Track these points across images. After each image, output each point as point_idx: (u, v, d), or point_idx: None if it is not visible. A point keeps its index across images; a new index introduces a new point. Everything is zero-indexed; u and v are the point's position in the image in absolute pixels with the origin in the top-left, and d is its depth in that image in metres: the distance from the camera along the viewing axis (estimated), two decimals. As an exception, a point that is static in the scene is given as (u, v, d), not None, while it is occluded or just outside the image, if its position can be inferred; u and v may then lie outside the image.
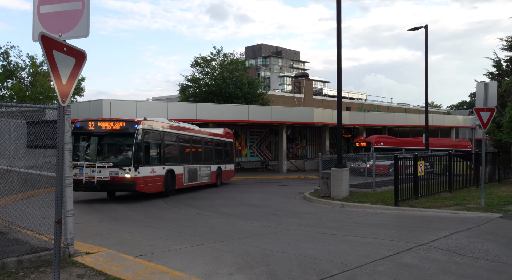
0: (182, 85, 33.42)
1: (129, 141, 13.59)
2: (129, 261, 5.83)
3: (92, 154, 14.08)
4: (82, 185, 13.19)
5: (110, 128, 13.90)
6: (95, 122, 14.12)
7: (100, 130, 13.94)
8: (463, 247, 6.92)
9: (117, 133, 13.93)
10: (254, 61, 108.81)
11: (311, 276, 5.34)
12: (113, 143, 14.25)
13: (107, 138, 14.17)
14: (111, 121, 14.08)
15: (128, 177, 13.24)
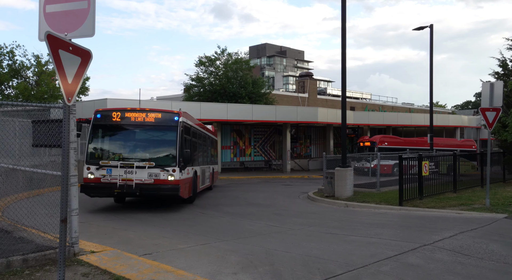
0: (186, 84, 33.45)
1: (170, 136, 11.46)
2: (134, 260, 5.85)
3: (123, 151, 11.51)
4: (117, 189, 10.74)
5: (143, 120, 11.53)
6: (122, 113, 11.53)
7: (130, 122, 11.54)
8: (468, 247, 6.88)
9: (154, 126, 11.63)
10: (258, 60, 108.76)
11: (315, 275, 5.34)
12: (149, 138, 11.77)
13: (141, 132, 11.71)
14: (143, 112, 11.59)
15: (171, 179, 10.94)
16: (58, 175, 5.99)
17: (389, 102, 52.04)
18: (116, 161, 11.01)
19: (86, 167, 11.02)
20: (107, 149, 11.56)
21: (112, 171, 10.85)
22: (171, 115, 11.68)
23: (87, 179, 11.01)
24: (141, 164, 10.93)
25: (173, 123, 11.51)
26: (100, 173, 10.93)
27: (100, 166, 11.01)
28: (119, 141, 11.79)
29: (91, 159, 11.16)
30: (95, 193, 11.29)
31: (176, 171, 11.02)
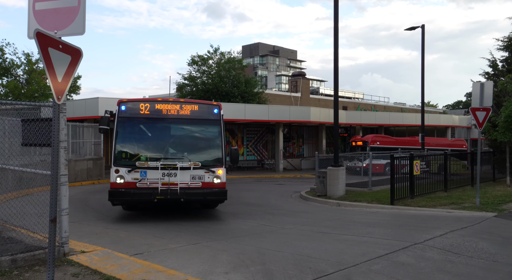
0: (179, 83, 33.33)
1: (213, 131, 10.05)
2: (125, 260, 5.82)
3: (159, 150, 9.83)
4: (159, 196, 9.12)
5: (177, 113, 9.89)
6: (151, 105, 9.86)
7: (161, 115, 9.84)
8: (458, 246, 6.94)
9: (192, 120, 10.07)
10: (251, 60, 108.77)
11: (307, 275, 5.35)
12: (187, 134, 10.21)
13: (177, 127, 10.12)
14: (177, 103, 9.99)
15: (218, 182, 9.55)
16: (48, 174, 5.93)
17: (381, 102, 52.33)
18: (156, 162, 9.30)
19: (113, 169, 9.24)
20: (138, 148, 9.80)
21: (147, 174, 9.20)
22: (211, 107, 10.19)
23: (115, 184, 9.18)
24: (185, 164, 9.33)
25: (215, 117, 10.02)
26: (132, 176, 9.15)
27: (135, 167, 9.19)
28: (152, 137, 9.99)
29: (120, 160, 9.42)
30: (128, 201, 9.54)
31: (222, 171, 9.65)
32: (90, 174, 20.91)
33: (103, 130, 9.53)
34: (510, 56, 19.58)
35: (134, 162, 9.32)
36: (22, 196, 7.03)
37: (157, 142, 9.93)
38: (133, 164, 9.29)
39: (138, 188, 9.18)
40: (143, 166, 9.23)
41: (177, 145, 10.02)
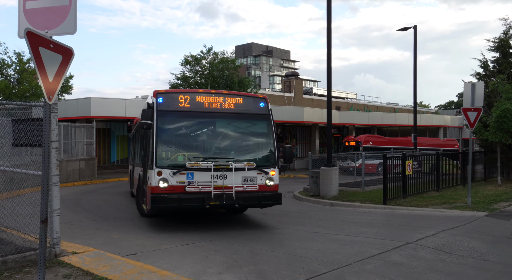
0: (172, 83, 33.23)
1: (262, 127, 9.07)
2: (117, 260, 5.78)
3: (206, 149, 8.63)
4: (213, 201, 7.98)
5: (220, 107, 8.73)
6: (192, 96, 8.60)
7: (204, 109, 8.63)
8: (450, 245, 6.99)
9: (238, 114, 8.93)
10: (245, 60, 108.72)
11: (299, 275, 5.35)
12: (234, 130, 9.03)
13: (222, 122, 8.88)
14: (220, 95, 8.84)
15: (271, 184, 8.58)
16: (39, 174, 5.87)
17: (374, 102, 52.57)
18: (208, 162, 8.13)
19: (156, 171, 7.91)
20: (183, 146, 8.56)
21: (194, 176, 8.03)
22: (257, 100, 9.20)
23: (158, 189, 7.88)
24: (239, 165, 8.28)
25: (263, 111, 9.07)
26: (177, 179, 7.95)
27: (182, 168, 7.97)
28: (197, 134, 8.84)
29: (163, 160, 8.10)
30: (175, 208, 8.14)
31: (276, 173, 8.68)
32: (82, 174, 20.76)
33: (147, 126, 8.02)
34: (501, 57, 19.77)
35: (180, 163, 8.11)
36: (13, 196, 6.95)
37: (203, 139, 8.76)
38: (179, 164, 8.06)
39: (187, 193, 7.93)
40: (193, 167, 7.98)
41: (225, 143, 8.82)
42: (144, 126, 8.08)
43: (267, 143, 8.99)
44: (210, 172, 8.06)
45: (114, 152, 28.97)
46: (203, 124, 8.85)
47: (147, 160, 8.61)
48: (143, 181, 9.28)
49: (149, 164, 8.24)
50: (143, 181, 9.28)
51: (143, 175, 9.51)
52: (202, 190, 8.02)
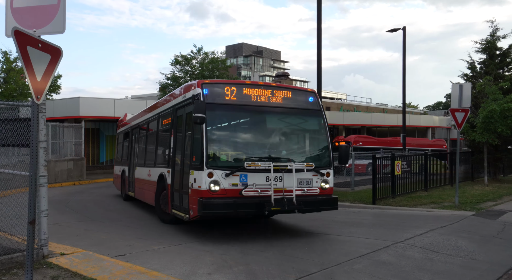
0: (161, 83, 33.07)
1: (315, 124, 8.28)
2: (106, 261, 5.73)
3: (261, 148, 7.82)
4: (274, 207, 7.06)
5: (268, 101, 7.80)
6: (238, 88, 7.66)
7: (251, 102, 7.68)
8: (437, 244, 7.08)
9: (288, 109, 8.07)
10: (235, 60, 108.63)
11: (289, 274, 5.37)
12: (286, 126, 8.26)
13: (273, 118, 8.06)
14: (268, 87, 7.92)
15: (327, 187, 7.80)
16: (27, 175, 5.80)
17: (363, 103, 52.97)
18: (266, 163, 7.26)
19: (206, 173, 6.95)
20: (234, 144, 7.71)
21: (248, 178, 7.12)
22: (306, 94, 8.30)
23: (209, 193, 6.94)
24: (299, 165, 7.45)
25: (315, 106, 8.20)
26: (230, 181, 7.04)
27: (236, 169, 7.07)
28: (247, 131, 7.94)
29: (214, 160, 7.15)
30: (229, 214, 7.33)
31: (331, 174, 7.90)
32: (70, 175, 20.56)
33: (201, 119, 6.90)
34: (487, 58, 20.03)
35: (234, 163, 7.26)
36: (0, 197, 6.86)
37: (255, 137, 7.92)
38: (233, 165, 7.19)
39: (244, 197, 7.01)
40: (249, 168, 7.09)
41: (278, 142, 8.04)
42: (197, 122, 6.90)
43: (321, 142, 8.25)
44: (266, 174, 7.18)
45: (103, 152, 28.74)
46: (253, 120, 7.92)
47: (186, 159, 7.73)
48: (177, 183, 8.15)
49: (193, 164, 7.24)
50: (177, 183, 8.15)
51: (175, 177, 8.38)
52: (262, 194, 7.07)
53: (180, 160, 8.26)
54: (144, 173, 11.16)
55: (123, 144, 15.39)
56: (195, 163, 7.22)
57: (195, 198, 7.10)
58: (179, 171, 8.23)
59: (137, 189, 12.13)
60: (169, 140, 9.11)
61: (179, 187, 8.09)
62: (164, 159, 9.50)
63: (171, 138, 8.97)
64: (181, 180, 8.02)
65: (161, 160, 9.83)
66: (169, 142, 9.05)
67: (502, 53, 19.96)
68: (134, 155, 13.11)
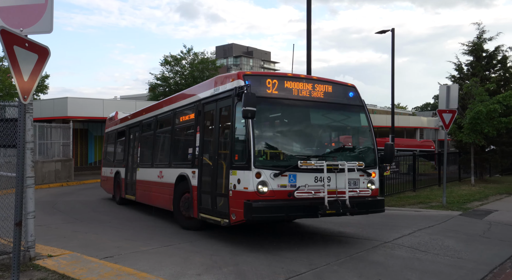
0: (151, 84, 32.91)
1: (359, 121, 7.80)
2: (94, 263, 5.69)
3: (310, 146, 7.42)
4: (328, 210, 6.53)
5: (309, 95, 7.24)
6: (280, 81, 7.05)
7: (293, 96, 7.11)
8: (425, 244, 7.16)
9: (330, 105, 7.50)
10: (225, 60, 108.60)
11: (279, 275, 5.38)
12: (330, 123, 7.78)
13: (317, 114, 7.57)
14: (309, 81, 7.35)
15: (373, 188, 7.33)
16: (13, 176, 5.73)
17: (353, 104, 53.18)
18: (319, 161, 6.71)
19: (254, 173, 6.36)
20: (282, 141, 7.15)
21: (297, 179, 6.58)
22: (346, 89, 7.75)
23: (257, 195, 6.35)
24: (352, 165, 6.96)
25: (357, 102, 7.73)
26: (278, 182, 6.48)
27: (290, 169, 6.53)
28: (293, 127, 7.47)
29: (262, 159, 6.58)
30: (280, 218, 7.03)
31: (376, 174, 7.44)
32: (58, 176, 20.34)
33: (252, 114, 6.24)
34: (474, 60, 20.33)
35: (284, 162, 6.69)
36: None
37: (301, 133, 7.43)
38: (282, 164, 6.61)
39: (296, 200, 6.47)
40: (302, 167, 6.54)
41: (324, 139, 7.62)
42: (248, 116, 6.24)
43: (366, 139, 7.78)
44: (315, 174, 6.65)
45: (92, 152, 28.50)
46: (298, 116, 7.42)
47: (221, 159, 7.19)
48: (209, 185, 7.49)
49: (236, 164, 6.66)
50: (209, 185, 7.49)
51: (203, 178, 7.71)
52: (316, 196, 6.53)
53: (211, 159, 7.52)
54: (151, 174, 10.38)
55: (115, 143, 14.47)
56: (239, 162, 6.60)
57: (239, 201, 6.42)
58: (210, 171, 7.47)
59: (140, 192, 11.31)
60: (192, 137, 8.37)
61: (212, 188, 7.34)
62: (185, 158, 8.78)
63: (196, 136, 8.15)
64: (214, 181, 7.29)
65: (180, 159, 9.10)
66: (193, 139, 8.24)
67: (489, 55, 20.28)
68: (135, 155, 12.22)
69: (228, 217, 6.73)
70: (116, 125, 14.74)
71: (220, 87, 7.47)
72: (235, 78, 7.00)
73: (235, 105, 6.81)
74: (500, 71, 20.87)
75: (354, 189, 6.97)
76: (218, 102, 7.52)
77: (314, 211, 6.53)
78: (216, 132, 7.53)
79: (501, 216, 10.29)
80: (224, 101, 7.33)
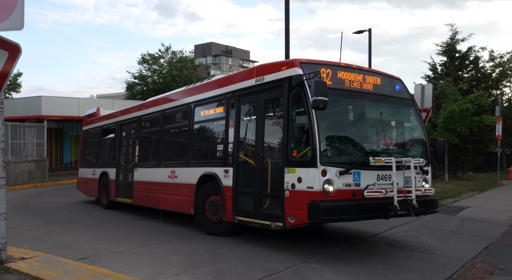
0: (128, 82, 32.48)
1: (409, 115, 7.39)
2: (69, 265, 5.58)
3: (367, 140, 6.97)
4: (400, 210, 6.08)
5: (359, 87, 6.67)
6: (333, 71, 6.46)
7: (345, 87, 6.53)
8: (400, 240, 7.32)
9: (389, 98, 7.08)
10: (204, 59, 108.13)
11: (257, 273, 5.39)
12: (385, 118, 7.19)
13: (371, 108, 7.02)
14: (360, 72, 6.77)
15: (428, 186, 6.89)
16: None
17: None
18: (387, 157, 6.26)
19: (320, 170, 5.81)
20: (343, 136, 6.57)
21: (361, 178, 6.09)
22: (393, 81, 7.25)
23: (323, 195, 5.80)
24: (417, 162, 6.55)
25: (405, 95, 7.29)
26: (344, 181, 5.95)
27: (357, 167, 6.05)
28: (351, 121, 6.89)
29: (328, 156, 6.02)
30: (348, 219, 6.35)
31: (429, 173, 7.02)
32: (32, 177, 19.84)
33: (324, 104, 5.66)
34: (448, 60, 20.87)
35: (348, 159, 6.19)
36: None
37: (360, 128, 6.92)
38: (349, 161, 6.12)
39: (365, 199, 6.00)
40: (374, 164, 6.06)
41: (382, 134, 7.12)
42: (320, 106, 5.65)
43: (419, 135, 7.33)
44: (378, 172, 6.20)
45: (67, 152, 27.93)
46: (354, 109, 6.87)
47: (268, 155, 6.71)
48: (253, 184, 6.86)
49: (295, 160, 6.09)
50: (253, 184, 6.86)
51: (241, 176, 7.17)
52: (387, 195, 6.03)
53: (253, 156, 6.95)
54: (158, 175, 9.60)
55: (100, 142, 13.39)
56: (302, 158, 6.01)
57: (301, 202, 5.88)
58: (252, 169, 6.90)
59: (140, 194, 10.42)
60: (221, 133, 7.79)
61: (257, 188, 6.73)
62: (211, 156, 8.13)
63: (228, 131, 7.46)
64: (259, 180, 6.70)
65: (204, 157, 8.44)
66: (223, 135, 7.62)
67: (461, 56, 20.86)
68: (130, 154, 11.32)
69: (282, 219, 6.12)
70: (100, 122, 13.63)
71: (267, 76, 6.78)
72: (290, 66, 6.38)
73: (291, 95, 6.21)
74: (472, 72, 21.50)
75: (419, 188, 6.52)
76: (262, 93, 6.86)
77: (386, 212, 6.05)
78: (259, 126, 6.84)
79: (473, 212, 10.61)
80: (273, 92, 6.67)
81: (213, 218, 7.76)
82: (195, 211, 8.15)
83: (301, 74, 6.10)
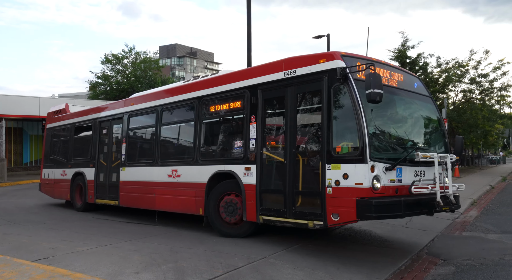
0: (91, 82, 31.77)
1: (431, 112, 7.35)
2: (25, 266, 5.50)
3: (409, 137, 6.81)
4: (444, 206, 6.08)
5: (387, 83, 6.47)
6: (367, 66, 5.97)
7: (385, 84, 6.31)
8: (355, 235, 7.70)
9: (413, 94, 7.06)
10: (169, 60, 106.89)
11: (217, 269, 5.51)
12: (412, 114, 7.17)
13: (401, 103, 6.96)
14: (387, 68, 6.71)
15: None
16: None
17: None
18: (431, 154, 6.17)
19: (369, 166, 5.63)
20: (384, 131, 6.38)
21: (402, 174, 6.00)
22: (413, 79, 7.28)
23: (372, 192, 5.63)
24: (452, 157, 6.43)
25: (425, 92, 7.31)
26: (389, 177, 5.83)
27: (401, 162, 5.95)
28: (389, 116, 6.78)
29: (376, 151, 5.85)
30: (395, 217, 6.05)
31: None
32: (-12, 178, 19.08)
33: (380, 96, 5.55)
34: (400, 65, 21.90)
35: (394, 154, 6.10)
36: None
37: (397, 123, 6.84)
38: (395, 156, 6.00)
39: (412, 195, 5.89)
40: (421, 160, 5.99)
41: (416, 130, 7.09)
42: (377, 99, 5.52)
43: (441, 132, 7.36)
44: (416, 167, 6.16)
45: (27, 152, 26.99)
46: (389, 105, 6.68)
47: (306, 150, 6.52)
48: (283, 182, 6.56)
49: (338, 156, 5.87)
50: (283, 182, 6.56)
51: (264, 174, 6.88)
52: (431, 191, 5.96)
53: (281, 153, 6.69)
54: (155, 174, 9.13)
55: (71, 140, 12.52)
56: (348, 154, 5.83)
57: (348, 199, 5.65)
58: (280, 165, 6.64)
59: (129, 196, 9.89)
60: (239, 128, 7.51)
61: (288, 186, 6.44)
62: (227, 152, 7.78)
63: (248, 127, 7.13)
64: (291, 177, 6.43)
65: (216, 154, 8.09)
66: (243, 131, 7.28)
67: (411, 62, 21.98)
68: (114, 152, 10.66)
69: (323, 217, 5.89)
70: (71, 119, 12.71)
71: (299, 69, 6.50)
72: (329, 59, 6.12)
73: (332, 89, 5.98)
74: (422, 76, 22.62)
75: (454, 184, 6.39)
76: (293, 87, 6.59)
77: (431, 209, 6.02)
78: (290, 122, 6.56)
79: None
80: (308, 85, 6.44)
81: (230, 219, 7.44)
82: (206, 212, 7.77)
83: (345, 67, 5.90)
